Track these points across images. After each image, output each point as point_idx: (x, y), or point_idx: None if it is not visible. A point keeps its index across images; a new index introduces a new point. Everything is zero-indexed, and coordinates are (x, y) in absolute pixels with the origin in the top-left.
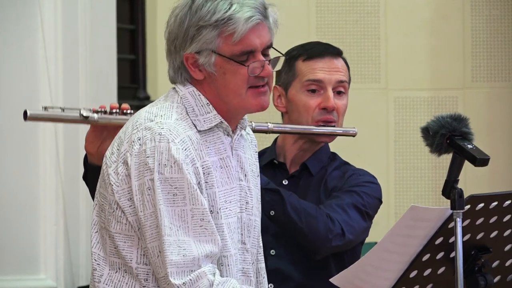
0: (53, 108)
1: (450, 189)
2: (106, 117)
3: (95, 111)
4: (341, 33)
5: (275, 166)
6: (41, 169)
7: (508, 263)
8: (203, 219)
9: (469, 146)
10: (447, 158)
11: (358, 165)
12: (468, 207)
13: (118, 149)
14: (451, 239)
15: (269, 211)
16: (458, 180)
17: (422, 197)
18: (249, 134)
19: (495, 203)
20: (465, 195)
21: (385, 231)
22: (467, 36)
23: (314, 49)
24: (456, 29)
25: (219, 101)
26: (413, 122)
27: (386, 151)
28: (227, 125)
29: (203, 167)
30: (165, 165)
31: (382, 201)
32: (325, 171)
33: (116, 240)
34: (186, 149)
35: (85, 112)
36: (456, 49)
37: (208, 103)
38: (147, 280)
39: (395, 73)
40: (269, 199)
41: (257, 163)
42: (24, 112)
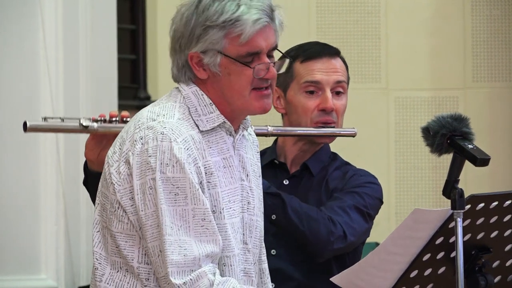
0: (52, 118)
1: (450, 189)
2: (105, 125)
3: (94, 120)
4: (341, 33)
5: (275, 166)
6: (41, 169)
7: (508, 263)
8: (205, 219)
9: (470, 146)
10: (448, 158)
11: (358, 165)
12: (468, 207)
13: (120, 148)
14: (452, 239)
15: (271, 215)
16: (458, 180)
17: (422, 197)
18: (250, 134)
19: (496, 203)
20: (466, 195)
21: (386, 231)
22: (468, 36)
23: (311, 50)
24: (456, 29)
25: (223, 101)
26: (413, 122)
27: (386, 151)
28: (230, 125)
29: (205, 167)
30: (167, 164)
31: (383, 202)
32: (326, 171)
33: (117, 239)
34: (188, 148)
35: (85, 121)
36: (456, 49)
37: (211, 103)
38: (149, 279)
39: (396, 73)
40: (270, 203)
41: (258, 163)
42: (23, 123)
